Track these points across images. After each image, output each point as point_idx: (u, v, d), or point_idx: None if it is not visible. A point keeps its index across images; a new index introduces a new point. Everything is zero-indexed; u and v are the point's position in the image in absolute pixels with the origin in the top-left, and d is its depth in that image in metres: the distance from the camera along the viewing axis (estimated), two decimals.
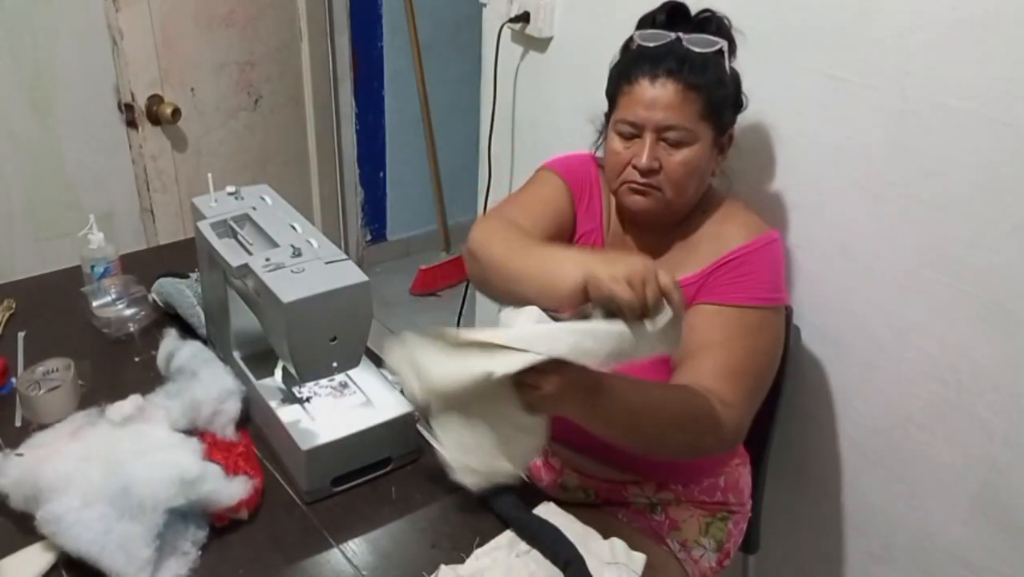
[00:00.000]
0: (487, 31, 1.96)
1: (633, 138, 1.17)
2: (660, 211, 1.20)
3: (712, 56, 1.15)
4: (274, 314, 1.05)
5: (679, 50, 1.14)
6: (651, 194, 1.18)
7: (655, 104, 1.13)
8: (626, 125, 1.17)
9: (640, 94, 1.15)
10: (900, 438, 1.36)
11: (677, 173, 1.15)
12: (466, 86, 3.16)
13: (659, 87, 1.13)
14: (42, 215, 2.15)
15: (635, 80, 1.15)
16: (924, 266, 1.25)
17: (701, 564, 1.29)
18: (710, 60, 1.15)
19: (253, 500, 1.07)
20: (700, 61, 1.14)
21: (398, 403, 1.18)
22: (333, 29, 2.81)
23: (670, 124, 1.13)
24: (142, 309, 1.44)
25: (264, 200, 1.25)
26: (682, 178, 1.16)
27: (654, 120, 1.14)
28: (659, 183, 1.16)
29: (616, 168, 1.19)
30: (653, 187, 1.17)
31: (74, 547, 0.94)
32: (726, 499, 1.33)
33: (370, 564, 1.03)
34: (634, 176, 1.17)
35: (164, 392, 1.17)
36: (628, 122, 1.16)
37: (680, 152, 1.15)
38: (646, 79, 1.14)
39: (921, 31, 1.17)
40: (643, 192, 1.18)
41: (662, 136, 1.15)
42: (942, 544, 1.36)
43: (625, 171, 1.18)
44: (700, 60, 1.14)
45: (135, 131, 2.13)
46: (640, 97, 1.15)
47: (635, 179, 1.17)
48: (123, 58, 2.03)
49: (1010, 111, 1.10)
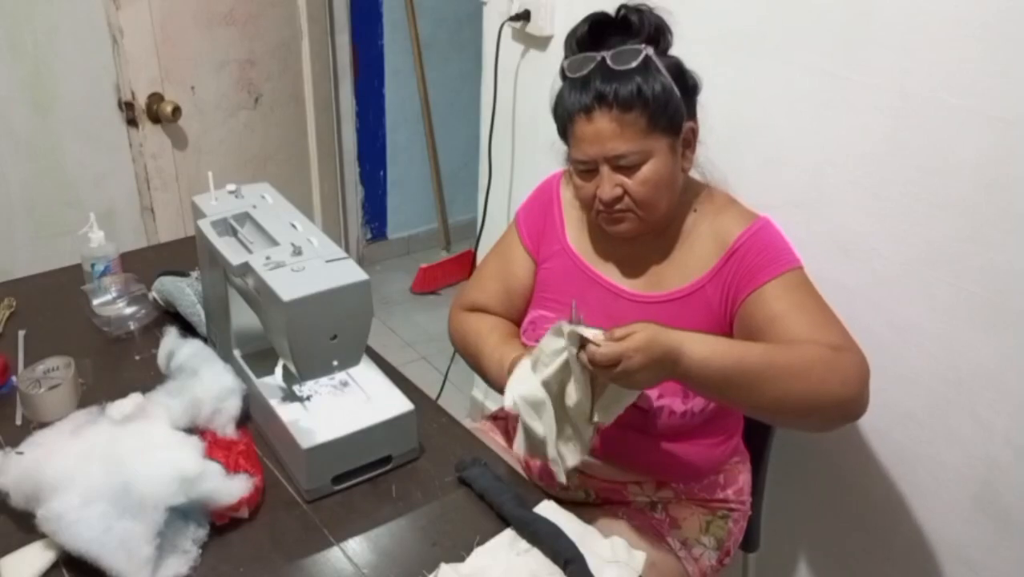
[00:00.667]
0: (487, 29, 1.96)
1: (592, 171, 1.17)
2: (642, 229, 1.20)
3: (638, 67, 1.11)
4: (274, 312, 1.05)
5: (605, 72, 1.11)
6: (626, 218, 1.18)
7: (598, 138, 1.12)
8: (580, 164, 1.17)
9: (581, 132, 1.14)
10: (900, 436, 1.36)
11: (641, 193, 1.15)
12: (467, 84, 3.16)
13: (595, 121, 1.12)
14: (42, 213, 2.14)
15: (573, 119, 1.15)
16: (924, 264, 1.25)
17: (701, 562, 1.29)
18: (637, 72, 1.11)
19: (253, 498, 1.07)
20: (627, 78, 1.10)
21: (398, 401, 1.18)
22: (333, 27, 2.81)
23: (618, 153, 1.13)
24: (142, 307, 1.44)
25: (264, 198, 1.25)
26: (649, 196, 1.16)
27: (602, 153, 1.13)
28: (628, 206, 1.17)
29: (586, 203, 1.21)
30: (624, 210, 1.17)
31: (75, 545, 0.94)
32: (727, 498, 1.33)
33: (370, 562, 1.03)
34: (602, 207, 1.18)
35: (164, 390, 1.17)
36: (580, 161, 1.17)
37: (639, 173, 1.14)
38: (581, 116, 1.13)
39: (920, 29, 1.17)
40: (619, 219, 1.19)
41: (616, 165, 1.14)
42: (942, 542, 1.36)
43: (595, 203, 1.19)
44: (626, 77, 1.10)
45: (135, 129, 2.13)
46: (582, 135, 1.14)
47: (606, 210, 1.18)
48: (123, 56, 2.03)
49: (1010, 109, 1.10)
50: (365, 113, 3.19)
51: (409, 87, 3.26)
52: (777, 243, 1.19)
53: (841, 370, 1.05)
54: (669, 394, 1.19)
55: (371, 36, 3.09)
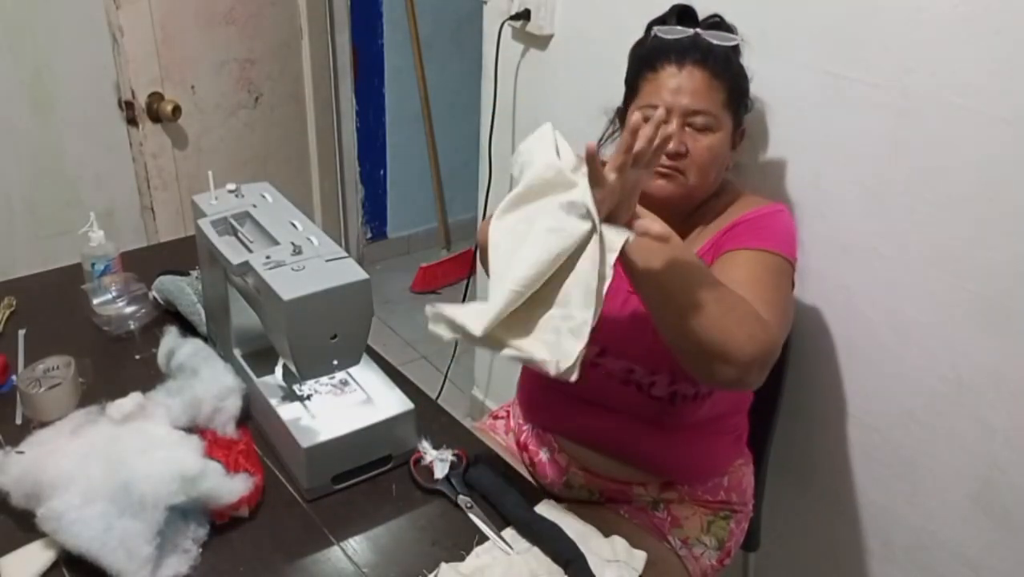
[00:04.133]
0: (488, 28, 1.96)
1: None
2: (681, 196, 1.20)
3: (731, 49, 1.20)
4: (274, 312, 1.05)
5: (701, 43, 1.17)
6: (676, 178, 1.18)
7: (682, 90, 1.16)
8: (652, 109, 1.16)
9: (666, 80, 1.17)
10: (901, 436, 1.36)
11: (703, 157, 1.17)
12: (467, 83, 3.15)
13: (686, 74, 1.16)
14: (43, 213, 2.15)
15: (660, 67, 1.18)
16: (925, 264, 1.25)
17: (702, 562, 1.29)
18: (730, 53, 1.19)
19: (254, 497, 1.07)
20: (722, 53, 1.18)
21: (398, 401, 1.18)
22: (333, 26, 2.80)
23: (697, 109, 1.15)
24: (143, 307, 1.44)
25: (264, 198, 1.25)
26: (707, 163, 1.17)
27: (681, 104, 1.15)
28: (685, 167, 1.17)
29: None
30: (678, 171, 1.18)
31: (75, 544, 0.94)
32: (729, 498, 1.33)
33: (371, 562, 1.03)
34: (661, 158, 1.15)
35: (165, 390, 1.17)
36: (654, 106, 1.16)
37: (706, 137, 1.17)
38: (672, 66, 1.17)
39: (922, 28, 1.17)
40: (668, 176, 1.18)
41: (688, 121, 1.16)
42: (942, 542, 1.36)
43: None
44: (722, 52, 1.18)
45: (135, 129, 2.13)
46: (666, 83, 1.17)
47: (661, 162, 1.16)
48: (123, 56, 2.03)
49: (1012, 108, 1.10)
50: (365, 113, 3.19)
51: (409, 86, 3.26)
52: (777, 227, 1.20)
53: (755, 332, 1.00)
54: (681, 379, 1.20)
55: (371, 36, 3.09)
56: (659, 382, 1.22)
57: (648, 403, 1.23)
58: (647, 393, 1.23)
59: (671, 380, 1.21)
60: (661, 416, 1.23)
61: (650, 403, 1.23)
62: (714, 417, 1.27)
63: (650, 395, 1.23)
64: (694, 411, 1.23)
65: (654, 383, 1.22)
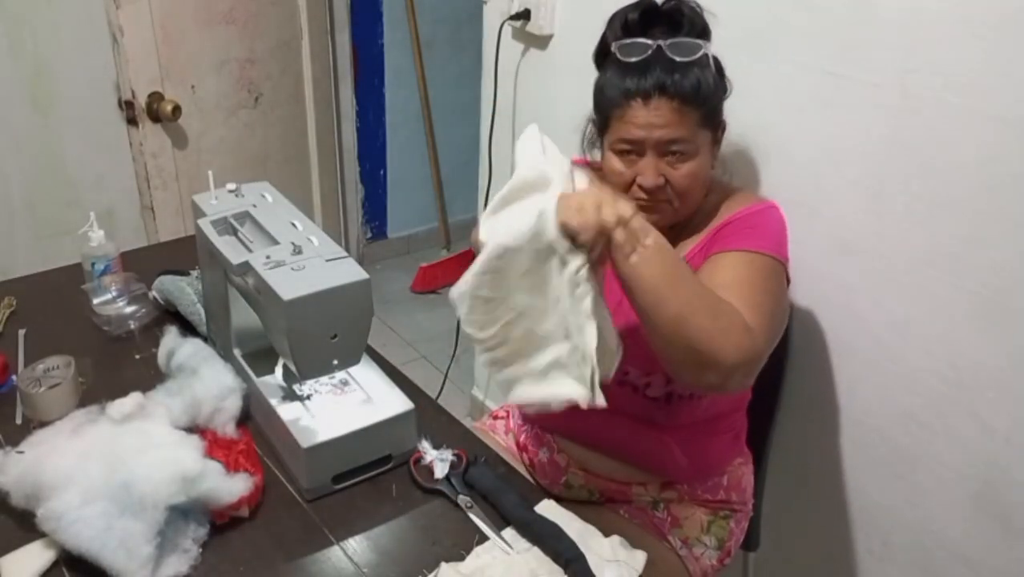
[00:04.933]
0: (488, 28, 1.96)
1: (634, 156, 1.14)
2: (673, 220, 1.20)
3: (698, 61, 1.10)
4: (274, 311, 1.05)
5: (664, 62, 1.09)
6: (660, 208, 1.16)
7: (653, 124, 1.10)
8: (625, 144, 1.14)
9: (634, 116, 1.11)
10: (901, 436, 1.36)
11: (683, 185, 1.14)
12: (467, 83, 3.15)
13: (653, 108, 1.10)
14: (43, 213, 2.14)
15: (626, 102, 1.11)
16: (925, 263, 1.25)
17: (702, 562, 1.29)
18: (696, 66, 1.10)
19: (254, 497, 1.07)
20: (688, 70, 1.09)
21: (398, 401, 1.18)
22: (334, 26, 2.80)
23: (672, 138, 1.11)
24: (143, 307, 1.44)
25: (265, 197, 1.25)
26: (688, 189, 1.15)
27: (654, 138, 1.11)
28: (667, 196, 1.15)
29: (621, 188, 1.17)
30: (663, 200, 1.16)
31: (75, 544, 0.94)
32: (729, 498, 1.33)
33: (371, 561, 1.03)
34: (640, 194, 1.15)
35: (165, 389, 1.17)
36: (627, 141, 1.13)
37: (685, 165, 1.13)
38: (638, 100, 1.10)
39: (922, 28, 1.17)
40: (652, 207, 1.16)
41: (664, 151, 1.12)
42: (942, 542, 1.36)
43: (631, 190, 1.16)
44: (687, 69, 1.09)
45: (135, 128, 2.13)
46: (634, 119, 1.11)
47: (642, 196, 1.15)
48: (123, 55, 2.03)
49: (1011, 108, 1.10)
50: (365, 112, 3.19)
51: (409, 86, 3.26)
52: (768, 226, 1.18)
53: (741, 340, 1.00)
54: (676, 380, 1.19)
55: (371, 36, 3.09)
56: (654, 383, 1.22)
57: (644, 404, 1.23)
58: (643, 394, 1.23)
59: (666, 381, 1.21)
60: (658, 416, 1.24)
61: (646, 404, 1.23)
62: (712, 416, 1.27)
63: (646, 396, 1.23)
64: (691, 411, 1.24)
65: (649, 384, 1.22)
